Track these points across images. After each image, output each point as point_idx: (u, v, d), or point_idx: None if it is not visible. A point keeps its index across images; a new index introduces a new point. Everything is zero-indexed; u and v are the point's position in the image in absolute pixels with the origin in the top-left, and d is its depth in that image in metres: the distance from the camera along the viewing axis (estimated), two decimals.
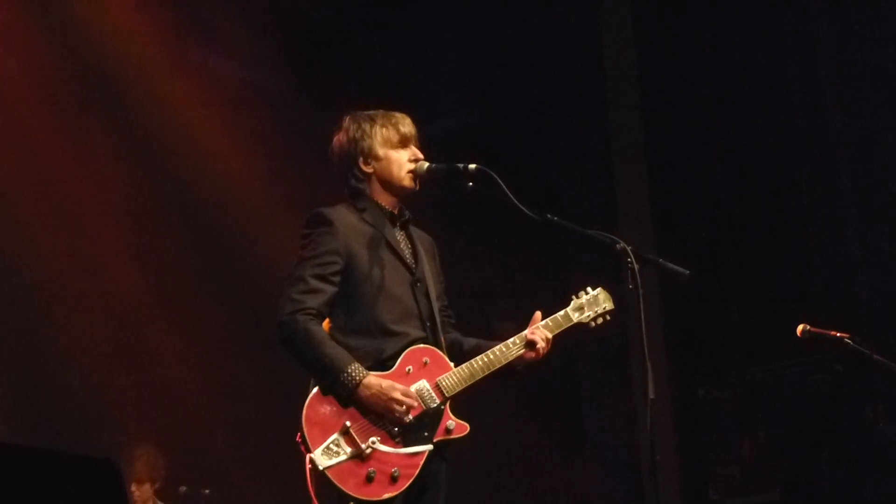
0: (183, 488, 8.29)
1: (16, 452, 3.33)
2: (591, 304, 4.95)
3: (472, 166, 4.67)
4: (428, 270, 4.84)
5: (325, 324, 4.64)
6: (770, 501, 8.69)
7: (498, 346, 4.75)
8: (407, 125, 4.85)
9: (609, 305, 4.97)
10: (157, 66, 8.78)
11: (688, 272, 4.63)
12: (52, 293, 8.42)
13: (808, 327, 5.81)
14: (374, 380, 4.48)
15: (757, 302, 9.07)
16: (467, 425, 4.65)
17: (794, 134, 9.23)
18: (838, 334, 5.80)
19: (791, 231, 9.09)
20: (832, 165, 9.06)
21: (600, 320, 4.96)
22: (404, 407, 4.48)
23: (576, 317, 4.91)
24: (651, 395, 4.27)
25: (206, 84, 9.15)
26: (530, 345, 4.75)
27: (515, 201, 4.58)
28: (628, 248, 4.47)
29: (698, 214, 9.46)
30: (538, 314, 4.86)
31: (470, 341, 4.85)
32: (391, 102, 4.98)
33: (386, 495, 4.42)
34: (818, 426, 8.48)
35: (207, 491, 8.40)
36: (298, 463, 4.45)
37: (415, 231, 4.93)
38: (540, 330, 4.78)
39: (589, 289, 4.98)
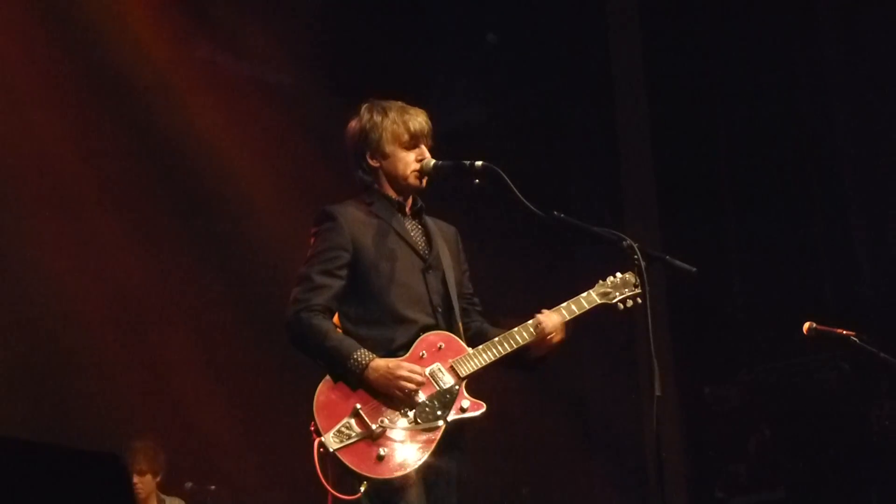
0: (189, 484, 8.29)
1: (21, 448, 3.33)
2: (619, 286, 4.90)
3: (479, 163, 4.67)
4: (446, 258, 4.84)
5: (335, 319, 4.66)
6: (776, 499, 8.68)
7: (514, 329, 4.75)
8: (419, 122, 4.83)
9: (638, 288, 4.84)
10: (165, 62, 8.78)
11: (694, 269, 4.62)
12: (58, 290, 8.42)
13: (815, 325, 5.80)
14: (381, 361, 4.51)
15: (763, 299, 9.06)
16: (483, 404, 4.64)
17: (800, 132, 9.22)
18: (844, 332, 5.79)
19: (797, 229, 9.09)
20: (838, 163, 9.05)
21: (630, 302, 4.89)
22: (412, 384, 4.48)
23: (600, 298, 4.88)
24: (657, 393, 4.26)
25: (215, 81, 9.14)
26: (537, 325, 4.73)
27: (522, 198, 4.59)
28: (635, 246, 4.46)
29: (705, 212, 9.46)
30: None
31: (496, 330, 4.84)
32: (399, 99, 4.98)
33: (398, 473, 4.43)
34: (824, 424, 8.47)
35: (213, 487, 8.40)
36: (307, 456, 4.44)
37: (434, 221, 4.94)
38: (550, 314, 4.76)
39: (618, 273, 4.95)
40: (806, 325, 5.81)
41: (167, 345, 8.89)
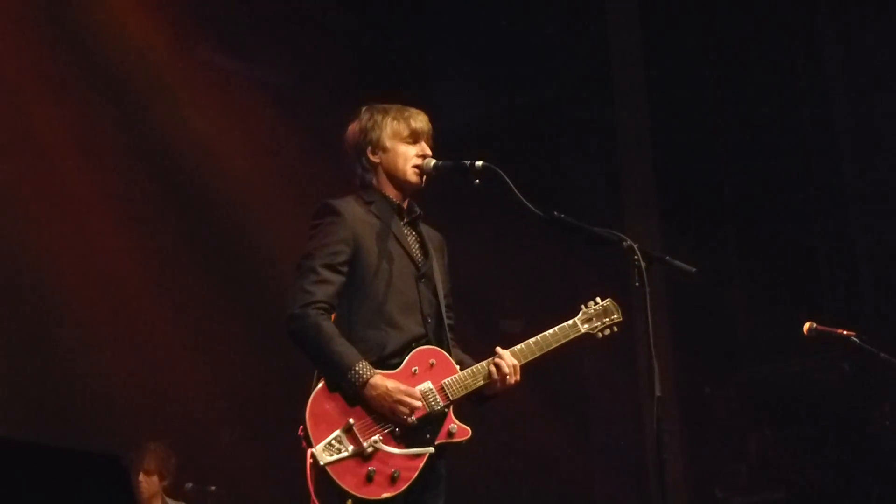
0: (189, 485, 8.29)
1: (21, 448, 3.33)
2: (600, 314, 4.95)
3: (479, 163, 4.67)
4: (438, 269, 4.83)
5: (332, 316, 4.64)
6: (776, 499, 8.67)
7: (482, 364, 4.73)
8: (420, 121, 4.85)
9: (618, 317, 4.98)
10: (163, 62, 8.78)
11: (694, 269, 4.62)
12: (59, 290, 8.42)
13: (815, 325, 5.81)
14: (381, 380, 4.48)
15: (763, 300, 9.06)
16: (469, 430, 4.66)
17: (800, 131, 9.22)
18: (845, 332, 5.79)
19: (798, 229, 9.09)
20: (838, 162, 9.05)
21: (608, 331, 4.97)
22: (408, 409, 4.48)
23: (584, 327, 4.91)
24: (657, 393, 4.26)
25: (212, 81, 9.15)
26: (497, 367, 4.70)
27: (522, 198, 4.58)
28: (635, 246, 4.46)
29: (705, 212, 9.45)
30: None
31: (457, 354, 4.82)
32: (398, 99, 4.99)
33: (385, 495, 4.43)
34: (824, 424, 8.46)
35: (213, 488, 8.39)
36: (300, 457, 4.44)
37: (426, 228, 4.93)
38: (507, 354, 4.73)
39: (598, 299, 4.98)
40: (806, 326, 5.81)
41: (167, 346, 8.88)
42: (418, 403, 4.50)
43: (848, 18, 9.03)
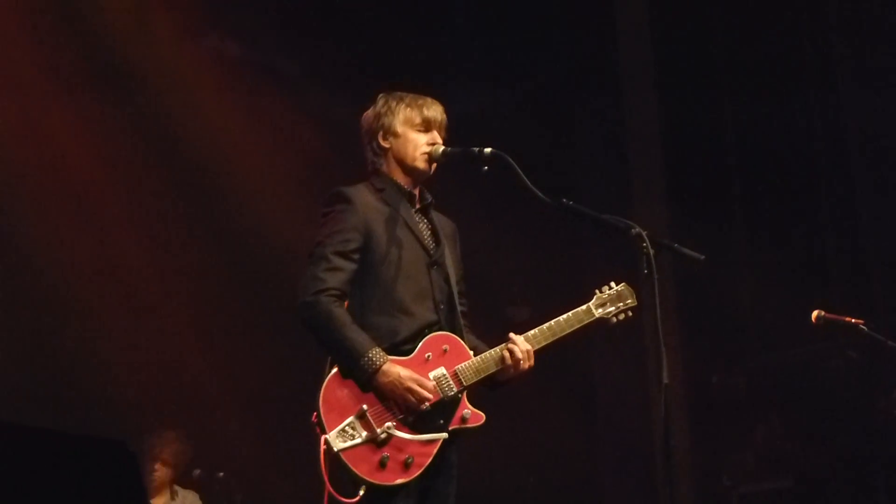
0: (197, 471, 8.31)
1: (31, 434, 3.35)
2: (614, 299, 4.93)
3: (488, 150, 4.66)
4: (450, 256, 4.84)
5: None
6: (783, 487, 8.69)
7: (496, 349, 4.73)
8: (433, 110, 4.85)
9: (632, 301, 4.94)
10: (172, 50, 8.78)
11: (703, 257, 4.62)
12: (69, 280, 8.43)
13: (823, 313, 5.81)
14: (393, 367, 4.48)
15: (771, 288, 9.06)
16: (483, 415, 4.66)
17: (808, 120, 9.21)
18: (853, 320, 5.80)
19: (806, 217, 9.09)
20: (846, 150, 9.04)
21: (622, 316, 4.93)
22: (419, 397, 4.49)
23: (598, 312, 4.89)
24: (665, 381, 4.26)
25: (221, 68, 9.14)
26: (510, 352, 4.69)
27: (531, 185, 4.58)
28: (643, 234, 4.44)
29: (713, 200, 9.46)
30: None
31: (471, 340, 4.82)
32: (406, 87, 4.99)
33: (398, 481, 4.43)
34: (832, 412, 8.47)
35: (221, 474, 8.42)
36: (312, 444, 4.45)
37: (437, 216, 4.93)
38: (520, 340, 4.72)
39: (612, 284, 4.97)
40: (814, 314, 5.82)
41: (176, 334, 8.89)
42: (429, 393, 4.51)
43: (856, 7, 9.01)
